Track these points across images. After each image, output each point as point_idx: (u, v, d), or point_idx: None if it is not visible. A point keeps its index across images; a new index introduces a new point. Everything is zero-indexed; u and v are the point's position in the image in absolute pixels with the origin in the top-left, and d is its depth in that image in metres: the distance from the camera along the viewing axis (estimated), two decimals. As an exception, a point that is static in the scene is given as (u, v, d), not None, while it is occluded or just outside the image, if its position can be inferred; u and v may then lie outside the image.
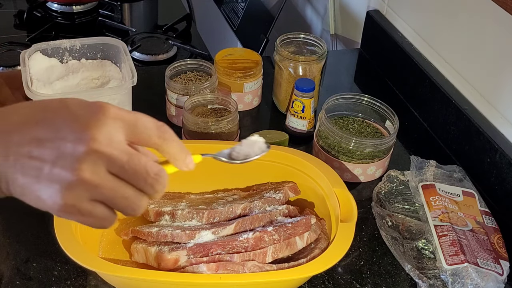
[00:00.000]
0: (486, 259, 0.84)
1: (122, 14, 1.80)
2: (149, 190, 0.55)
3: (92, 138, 0.51)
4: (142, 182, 0.54)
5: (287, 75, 1.13)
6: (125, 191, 0.54)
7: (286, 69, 1.13)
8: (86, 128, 0.51)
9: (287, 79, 1.13)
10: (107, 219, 0.55)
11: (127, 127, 0.53)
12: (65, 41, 1.00)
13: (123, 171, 0.53)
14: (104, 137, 0.51)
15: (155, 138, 0.55)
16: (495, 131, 1.00)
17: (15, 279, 0.80)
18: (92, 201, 0.53)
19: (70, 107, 0.52)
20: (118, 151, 0.52)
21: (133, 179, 0.54)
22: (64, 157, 0.51)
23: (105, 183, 0.52)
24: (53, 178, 0.51)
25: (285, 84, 1.14)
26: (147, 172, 0.54)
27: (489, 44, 1.01)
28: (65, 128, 0.51)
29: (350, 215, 0.81)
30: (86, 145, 0.51)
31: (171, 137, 0.56)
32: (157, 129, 0.55)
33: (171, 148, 0.57)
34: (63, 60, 1.01)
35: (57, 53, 1.00)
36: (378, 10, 1.35)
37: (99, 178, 0.52)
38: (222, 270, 0.76)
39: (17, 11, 1.74)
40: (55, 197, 0.51)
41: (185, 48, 1.64)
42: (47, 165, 0.51)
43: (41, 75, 0.97)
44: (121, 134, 0.53)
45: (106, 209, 0.54)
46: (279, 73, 1.15)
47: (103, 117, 0.52)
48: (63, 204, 0.51)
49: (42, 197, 0.51)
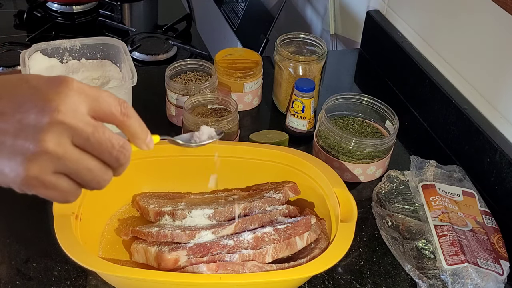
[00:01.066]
0: (486, 259, 0.84)
1: (122, 14, 1.80)
2: (114, 163, 0.54)
3: (56, 109, 0.50)
4: (107, 154, 0.54)
5: (287, 75, 1.13)
6: (90, 163, 0.53)
7: (286, 69, 1.13)
8: (50, 100, 0.50)
9: (287, 79, 1.13)
10: (71, 192, 0.54)
11: (90, 101, 0.53)
12: (65, 41, 1.00)
13: (88, 143, 0.52)
14: (68, 109, 0.51)
15: (118, 114, 0.55)
16: (495, 131, 1.00)
17: (15, 279, 0.80)
18: (56, 173, 0.52)
19: (30, 81, 0.52)
20: (82, 123, 0.52)
21: (98, 151, 0.53)
22: (27, 129, 0.50)
23: (69, 155, 0.51)
24: (16, 150, 0.50)
25: (285, 84, 1.14)
26: (112, 145, 0.53)
27: (489, 44, 1.01)
28: (28, 102, 0.50)
29: (350, 215, 0.81)
30: (50, 116, 0.50)
31: (133, 115, 0.56)
32: (119, 105, 0.55)
33: (132, 125, 0.56)
34: (63, 60, 1.01)
35: (57, 53, 1.00)
36: (378, 10, 1.35)
37: (63, 149, 0.51)
38: (222, 270, 0.76)
39: (17, 11, 1.74)
40: (18, 169, 0.50)
41: (185, 48, 1.64)
42: (9, 137, 0.50)
43: (41, 75, 0.97)
44: (85, 107, 0.52)
45: (71, 182, 0.53)
46: (279, 73, 1.15)
47: (66, 89, 0.51)
48: (25, 176, 0.50)
49: (4, 171, 0.50)
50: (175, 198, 0.91)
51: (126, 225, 0.89)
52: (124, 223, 0.89)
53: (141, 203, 0.89)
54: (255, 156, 0.92)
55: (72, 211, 0.77)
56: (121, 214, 0.91)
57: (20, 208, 0.90)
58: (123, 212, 0.91)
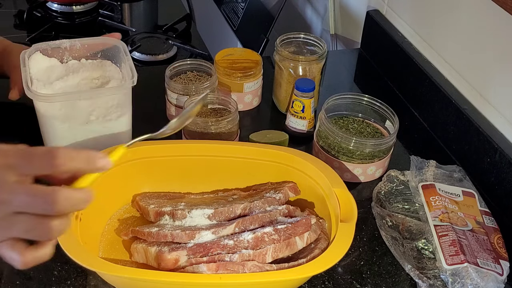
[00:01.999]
0: (486, 259, 0.84)
1: (122, 14, 1.80)
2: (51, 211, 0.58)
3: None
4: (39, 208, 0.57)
5: (287, 75, 1.13)
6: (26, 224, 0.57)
7: (286, 69, 1.13)
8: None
9: (287, 79, 1.13)
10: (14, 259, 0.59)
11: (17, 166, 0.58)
12: (65, 41, 1.00)
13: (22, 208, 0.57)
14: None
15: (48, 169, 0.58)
16: (495, 131, 1.00)
17: (15, 279, 0.80)
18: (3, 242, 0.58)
19: None
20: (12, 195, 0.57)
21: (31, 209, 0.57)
22: None
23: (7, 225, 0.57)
24: None
25: (285, 84, 1.14)
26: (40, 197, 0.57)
27: (489, 44, 1.01)
28: None
29: (350, 215, 0.81)
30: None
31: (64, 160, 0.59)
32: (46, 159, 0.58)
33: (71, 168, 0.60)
34: (63, 60, 1.01)
35: (57, 53, 1.00)
36: (378, 10, 1.35)
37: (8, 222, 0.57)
38: (222, 270, 0.76)
39: (17, 11, 1.74)
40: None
41: (185, 48, 1.64)
42: None
43: (41, 75, 0.97)
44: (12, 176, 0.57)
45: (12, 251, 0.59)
46: (279, 73, 1.15)
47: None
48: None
49: None
50: (175, 198, 0.91)
51: (126, 225, 0.89)
52: (124, 223, 0.89)
53: (141, 203, 0.89)
54: (255, 156, 0.92)
55: (72, 211, 0.77)
56: (121, 214, 0.91)
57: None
58: (123, 212, 0.91)
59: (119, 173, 0.86)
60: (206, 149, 0.92)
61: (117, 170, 0.87)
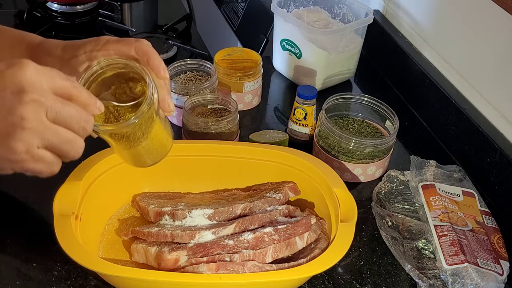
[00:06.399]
0: (486, 259, 0.84)
1: (122, 14, 1.79)
2: (82, 133, 0.62)
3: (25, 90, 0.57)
4: (76, 125, 0.62)
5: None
6: (67, 135, 0.61)
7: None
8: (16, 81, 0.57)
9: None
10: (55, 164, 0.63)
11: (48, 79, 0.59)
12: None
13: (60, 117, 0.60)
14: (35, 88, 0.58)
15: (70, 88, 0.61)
16: (495, 131, 1.00)
17: (15, 279, 0.80)
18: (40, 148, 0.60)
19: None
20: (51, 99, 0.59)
21: (69, 123, 0.61)
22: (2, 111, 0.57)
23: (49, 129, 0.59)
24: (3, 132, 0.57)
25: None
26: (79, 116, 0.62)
27: (489, 44, 1.01)
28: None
29: (350, 215, 0.81)
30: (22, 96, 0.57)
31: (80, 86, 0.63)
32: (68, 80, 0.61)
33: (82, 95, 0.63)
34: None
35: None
36: (378, 10, 1.35)
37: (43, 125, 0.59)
38: (222, 270, 0.76)
39: (17, 11, 1.74)
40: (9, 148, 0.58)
41: (185, 48, 1.64)
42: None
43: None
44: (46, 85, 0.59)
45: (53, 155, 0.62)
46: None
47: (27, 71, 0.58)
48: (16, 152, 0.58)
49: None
50: (175, 198, 0.91)
51: (126, 225, 0.89)
52: (124, 223, 0.89)
53: (141, 203, 0.89)
54: (255, 156, 0.92)
55: (72, 211, 0.77)
56: (121, 214, 0.91)
57: (20, 208, 0.90)
58: (123, 212, 0.91)
59: (119, 173, 0.87)
60: (206, 149, 0.92)
61: (117, 170, 0.87)
